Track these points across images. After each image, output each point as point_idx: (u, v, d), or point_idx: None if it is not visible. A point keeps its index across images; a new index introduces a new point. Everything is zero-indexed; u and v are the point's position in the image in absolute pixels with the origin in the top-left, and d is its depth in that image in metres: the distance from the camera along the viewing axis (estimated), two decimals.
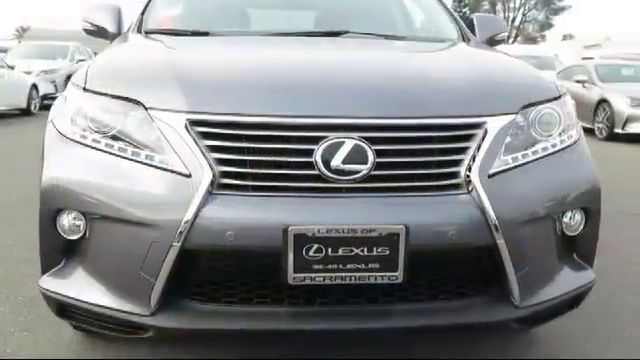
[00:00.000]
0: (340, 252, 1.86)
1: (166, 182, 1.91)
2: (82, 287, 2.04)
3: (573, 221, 2.20)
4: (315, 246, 1.84)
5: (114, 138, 2.03)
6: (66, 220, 2.05)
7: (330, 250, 1.85)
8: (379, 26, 3.24)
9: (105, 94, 2.07)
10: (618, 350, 2.65)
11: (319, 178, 1.90)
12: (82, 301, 2.03)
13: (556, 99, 2.25)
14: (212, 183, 1.86)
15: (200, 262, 1.94)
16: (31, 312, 2.91)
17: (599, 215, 2.25)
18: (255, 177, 1.90)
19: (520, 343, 2.68)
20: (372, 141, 1.91)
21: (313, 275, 1.87)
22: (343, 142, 1.90)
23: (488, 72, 2.32)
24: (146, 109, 1.99)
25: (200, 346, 2.57)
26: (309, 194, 1.90)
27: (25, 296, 3.10)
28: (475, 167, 1.96)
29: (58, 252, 2.10)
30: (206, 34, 2.84)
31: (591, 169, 2.24)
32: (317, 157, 1.89)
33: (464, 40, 3.12)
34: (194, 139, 1.91)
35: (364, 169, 1.90)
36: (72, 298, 2.05)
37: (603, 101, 12.08)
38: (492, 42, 3.36)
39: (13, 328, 2.76)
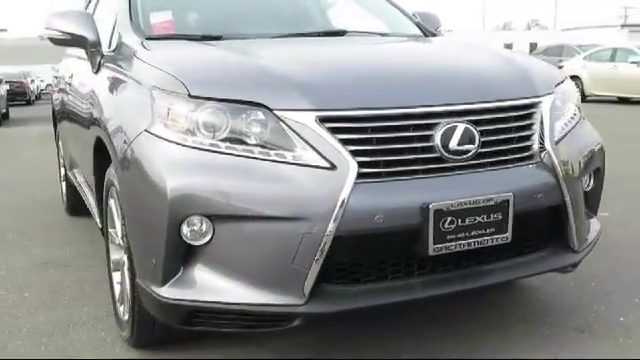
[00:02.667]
0: (467, 222, 2.13)
1: (308, 176, 2.02)
2: (219, 289, 2.07)
3: (586, 178, 2.68)
4: (449, 218, 2.10)
5: (234, 141, 2.09)
6: (191, 227, 2.06)
7: (460, 221, 2.12)
8: (360, 26, 3.48)
9: (217, 99, 2.11)
10: (595, 283, 3.22)
11: (440, 159, 2.15)
12: (222, 302, 2.07)
13: (565, 81, 2.71)
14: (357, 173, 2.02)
15: (346, 247, 2.07)
16: None
17: (604, 173, 2.76)
18: (386, 164, 2.10)
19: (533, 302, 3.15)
20: (476, 123, 2.21)
21: (448, 245, 2.12)
22: (456, 126, 2.17)
23: (522, 60, 2.71)
24: (270, 110, 2.08)
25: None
26: (434, 174, 2.14)
27: None
28: (546, 138, 2.34)
29: (179, 260, 2.11)
30: (219, 38, 2.88)
31: (598, 135, 2.74)
32: (437, 141, 2.14)
33: (427, 35, 3.50)
34: (330, 134, 2.05)
35: (473, 148, 2.18)
36: (209, 302, 2.08)
37: None
38: None
39: None
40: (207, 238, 2.07)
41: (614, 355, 2.49)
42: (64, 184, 5.27)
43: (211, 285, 2.09)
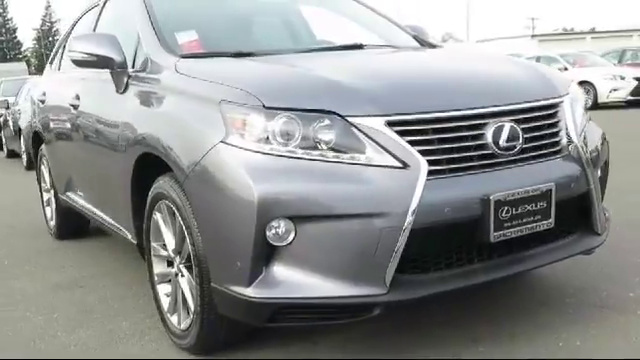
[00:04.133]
0: (519, 210, 2.37)
1: (383, 176, 2.21)
2: (303, 286, 2.22)
3: None
4: (506, 208, 2.33)
5: (308, 147, 2.24)
6: (275, 229, 2.20)
7: (514, 209, 2.35)
8: (371, 39, 3.68)
9: (292, 109, 2.26)
10: (593, 268, 3.53)
11: (492, 155, 2.38)
12: (308, 298, 2.21)
13: (572, 84, 2.99)
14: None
15: (419, 238, 2.24)
16: None
17: (609, 165, 3.07)
18: (447, 161, 2.31)
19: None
20: (518, 122, 2.46)
21: (505, 232, 2.35)
22: (503, 125, 2.41)
23: (538, 66, 2.99)
24: (342, 117, 2.25)
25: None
26: (488, 169, 2.37)
27: None
28: (572, 132, 2.62)
29: (262, 262, 2.24)
30: (251, 54, 3.03)
31: (602, 132, 3.04)
32: (489, 139, 2.38)
33: (424, 45, 3.76)
34: (399, 137, 2.24)
35: (518, 144, 2.43)
36: (295, 298, 2.22)
37: None
38: None
39: None
40: (290, 239, 2.21)
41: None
42: (49, 209, 5.23)
43: (295, 282, 2.23)
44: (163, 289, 2.95)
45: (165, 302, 2.91)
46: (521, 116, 2.48)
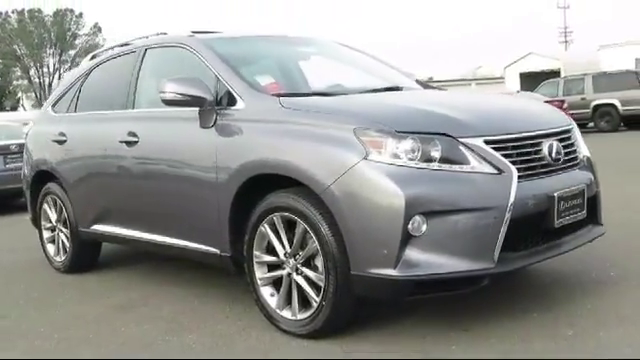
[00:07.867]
0: (569, 204, 3.26)
1: (487, 179, 3.00)
2: (435, 265, 2.93)
3: None
4: (563, 202, 3.21)
5: (429, 160, 2.99)
6: (414, 223, 2.91)
7: (567, 203, 3.24)
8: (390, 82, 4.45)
9: (417, 132, 3.01)
10: (573, 260, 4.49)
11: (548, 165, 3.27)
12: (440, 274, 2.93)
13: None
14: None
15: (512, 225, 3.01)
16: None
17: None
18: (524, 169, 3.15)
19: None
20: (559, 140, 3.37)
21: (562, 220, 3.23)
22: (553, 143, 3.30)
23: (545, 103, 3.93)
24: (454, 138, 3.03)
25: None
26: (547, 175, 3.25)
27: None
28: (584, 149, 3.60)
29: (403, 249, 2.93)
30: (328, 94, 3.74)
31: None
32: (545, 152, 3.26)
33: (425, 87, 4.64)
34: (494, 151, 3.05)
35: (561, 157, 3.34)
36: (431, 274, 2.93)
37: None
38: None
39: None
40: (423, 229, 2.93)
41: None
42: (52, 246, 5.41)
43: (428, 262, 2.93)
44: (266, 291, 3.50)
45: (272, 301, 3.46)
46: (560, 136, 3.41)
